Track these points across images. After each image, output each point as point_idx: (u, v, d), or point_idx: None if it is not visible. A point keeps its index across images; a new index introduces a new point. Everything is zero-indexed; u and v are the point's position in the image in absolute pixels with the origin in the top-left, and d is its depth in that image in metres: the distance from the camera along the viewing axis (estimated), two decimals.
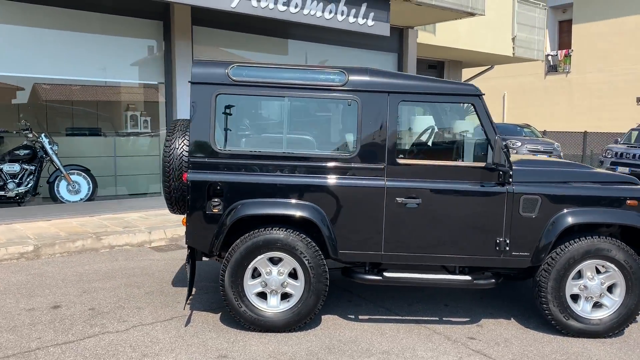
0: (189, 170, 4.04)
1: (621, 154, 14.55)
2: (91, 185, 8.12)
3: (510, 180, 4.07)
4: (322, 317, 4.42)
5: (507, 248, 4.09)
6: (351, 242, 4.08)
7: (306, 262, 4.01)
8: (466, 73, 16.93)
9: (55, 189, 7.88)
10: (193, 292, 4.93)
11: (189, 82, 4.03)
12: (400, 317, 4.47)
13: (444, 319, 4.47)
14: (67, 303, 4.60)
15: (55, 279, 5.26)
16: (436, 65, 15.39)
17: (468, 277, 4.16)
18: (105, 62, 8.00)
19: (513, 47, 14.52)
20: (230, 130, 4.14)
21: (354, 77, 4.05)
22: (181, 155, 4.25)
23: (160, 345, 3.81)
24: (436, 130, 4.59)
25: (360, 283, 4.76)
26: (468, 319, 4.47)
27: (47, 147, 7.78)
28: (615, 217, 4.08)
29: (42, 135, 7.82)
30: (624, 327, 4.15)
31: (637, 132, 16.15)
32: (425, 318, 4.47)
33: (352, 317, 4.46)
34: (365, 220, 4.05)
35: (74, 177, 7.97)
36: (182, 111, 8.42)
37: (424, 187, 4.05)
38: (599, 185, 4.22)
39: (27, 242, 6.03)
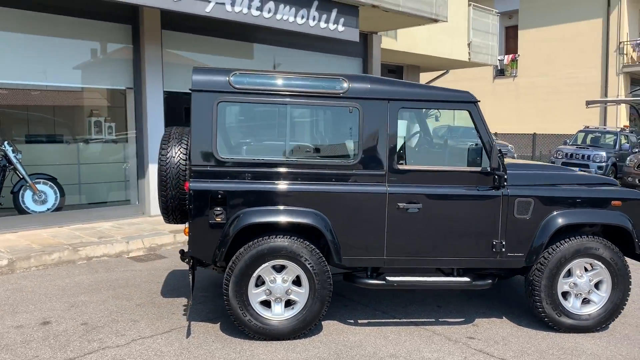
0: (191, 179, 3.98)
1: (571, 155, 15.25)
2: (58, 195, 7.82)
3: (505, 183, 4.22)
4: (323, 323, 4.43)
5: (503, 249, 4.23)
6: (354, 247, 4.12)
7: (310, 269, 4.02)
8: (424, 77, 17.32)
9: (20, 199, 7.54)
10: (186, 303, 4.85)
11: (189, 89, 3.96)
12: (398, 320, 4.55)
13: (440, 320, 4.58)
14: (57, 318, 4.43)
15: (37, 293, 5.05)
16: (395, 69, 15.66)
17: (467, 279, 4.28)
18: (69, 66, 7.73)
19: (469, 52, 14.97)
20: (232, 138, 4.10)
21: (354, 85, 4.10)
22: (178, 163, 4.18)
23: (166, 358, 3.73)
24: (431, 135, 4.70)
25: (361, 287, 4.79)
26: (463, 319, 4.60)
27: (11, 155, 7.45)
28: (603, 218, 4.29)
29: (5, 143, 7.48)
30: (610, 322, 4.38)
31: (583, 134, 16.98)
32: (422, 320, 4.57)
33: (352, 321, 4.50)
34: (368, 225, 4.11)
35: (40, 187, 7.66)
36: (152, 117, 8.24)
37: (424, 192, 4.14)
38: (585, 187, 4.43)
39: (0, 255, 5.75)
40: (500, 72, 26.60)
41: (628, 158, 13.51)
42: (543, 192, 4.26)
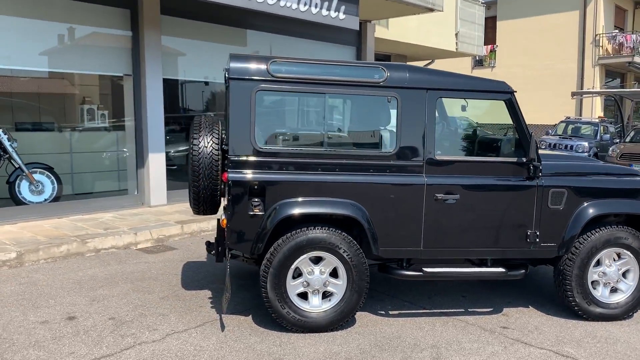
0: (229, 170, 3.87)
1: (554, 145, 15.53)
2: (55, 185, 7.57)
3: (540, 174, 4.24)
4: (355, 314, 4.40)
5: (537, 239, 4.26)
6: (392, 238, 4.09)
7: (349, 260, 3.98)
8: None
9: (17, 189, 7.27)
10: (211, 295, 4.75)
11: (229, 77, 3.84)
12: (428, 310, 4.55)
13: (469, 310, 4.60)
14: (82, 313, 4.28)
15: (53, 287, 4.87)
16: (382, 58, 15.65)
17: (503, 269, 4.29)
18: (66, 51, 7.45)
19: (456, 42, 15.05)
20: (269, 128, 4.01)
21: (393, 74, 4.04)
22: (211, 153, 4.07)
23: (207, 353, 3.65)
24: (472, 126, 4.68)
25: (396, 279, 4.77)
26: (491, 309, 4.63)
27: (6, 144, 7.16)
28: (632, 208, 4.36)
29: (0, 131, 7.18)
30: (637, 310, 4.46)
31: (564, 124, 17.31)
32: (452, 310, 4.58)
33: (383, 312, 4.48)
34: (405, 216, 4.08)
35: (36, 177, 7.39)
36: (152, 104, 8.03)
37: (462, 183, 4.12)
38: (613, 177, 4.48)
39: (7, 248, 5.54)
40: (478, 63, 26.87)
41: (610, 148, 13.83)
42: (575, 183, 4.30)
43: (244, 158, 3.89)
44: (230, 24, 9.08)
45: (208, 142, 4.11)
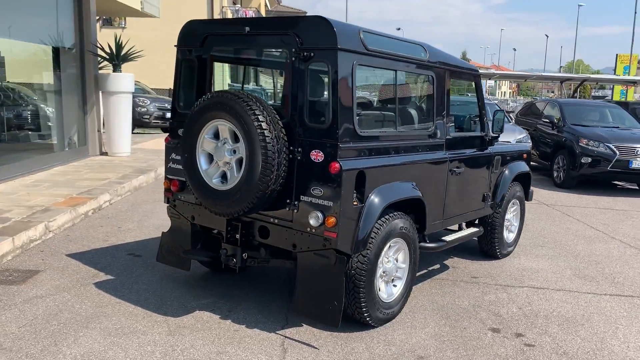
0: (340, 158, 3.25)
1: None
2: None
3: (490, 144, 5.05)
4: None
5: (490, 200, 5.09)
6: (432, 214, 4.20)
7: (412, 244, 3.94)
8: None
9: None
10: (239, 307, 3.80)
11: (333, 48, 3.13)
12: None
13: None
14: None
15: None
16: None
17: (479, 228, 4.97)
18: None
19: (141, 2, 14.06)
20: (363, 108, 3.50)
21: (430, 52, 4.08)
22: (282, 137, 3.31)
23: None
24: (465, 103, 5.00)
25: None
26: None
27: None
28: (523, 168, 5.65)
29: None
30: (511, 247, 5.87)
31: None
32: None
33: None
34: (437, 190, 4.26)
35: None
36: None
37: (465, 155, 4.57)
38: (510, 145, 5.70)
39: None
40: (107, 22, 25.22)
41: None
42: (500, 150, 5.25)
43: (350, 144, 3.33)
44: None
45: (276, 125, 3.30)
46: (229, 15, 25.34)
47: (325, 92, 3.43)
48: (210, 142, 3.50)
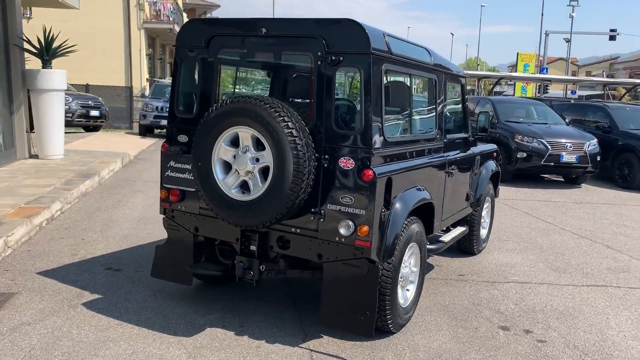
0: (373, 165, 3.17)
1: (162, 108, 15.71)
2: None
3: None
4: None
5: (470, 199, 5.22)
6: (437, 216, 4.23)
7: (423, 248, 3.96)
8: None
9: None
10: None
11: (366, 52, 3.05)
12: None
13: None
14: None
15: None
16: None
17: (466, 227, 5.08)
18: None
19: None
20: (388, 113, 3.43)
21: (433, 55, 4.11)
22: (311, 144, 3.19)
23: None
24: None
25: None
26: None
27: None
28: (497, 167, 5.85)
29: None
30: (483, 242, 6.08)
31: (153, 85, 17.68)
32: None
33: None
34: (439, 192, 4.30)
35: None
36: None
37: (458, 156, 4.65)
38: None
39: None
40: None
41: None
42: (480, 150, 5.41)
43: (381, 150, 3.27)
44: None
45: (305, 132, 3.17)
46: (146, 7, 24.25)
47: (355, 98, 3.34)
48: (228, 150, 3.30)
